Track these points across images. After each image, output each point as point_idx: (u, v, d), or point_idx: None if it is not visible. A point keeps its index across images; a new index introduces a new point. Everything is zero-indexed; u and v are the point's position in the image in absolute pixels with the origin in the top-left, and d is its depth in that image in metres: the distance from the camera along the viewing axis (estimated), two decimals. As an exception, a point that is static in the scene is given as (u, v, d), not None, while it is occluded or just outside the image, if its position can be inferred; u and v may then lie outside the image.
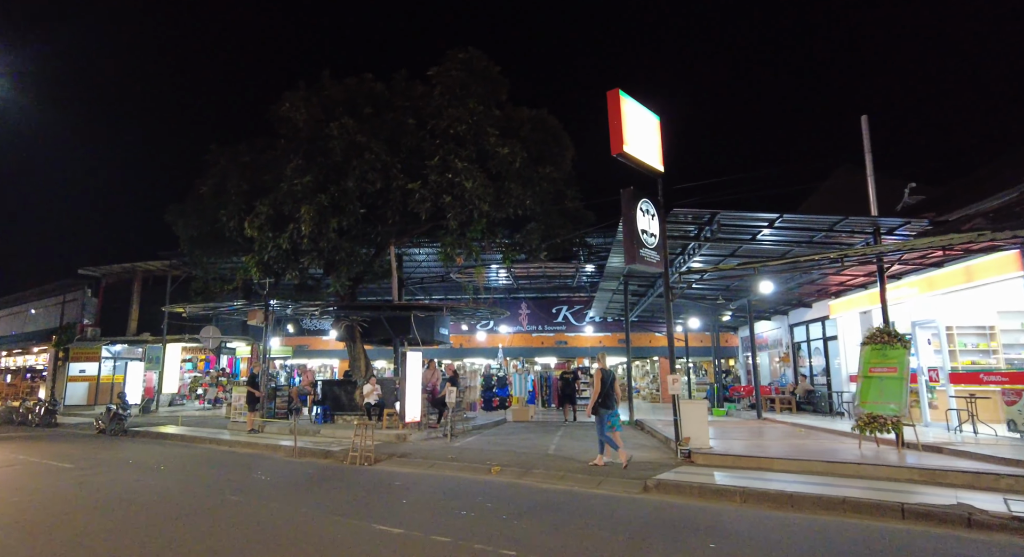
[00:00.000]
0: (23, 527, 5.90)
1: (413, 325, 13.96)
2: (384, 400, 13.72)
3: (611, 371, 9.11)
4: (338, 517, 6.17)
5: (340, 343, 30.82)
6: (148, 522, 6.07)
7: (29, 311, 31.25)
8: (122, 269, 26.49)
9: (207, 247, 18.56)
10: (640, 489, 7.52)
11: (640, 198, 9.21)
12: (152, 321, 26.00)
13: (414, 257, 22.16)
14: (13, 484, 8.55)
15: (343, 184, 14.35)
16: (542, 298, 28.03)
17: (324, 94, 15.72)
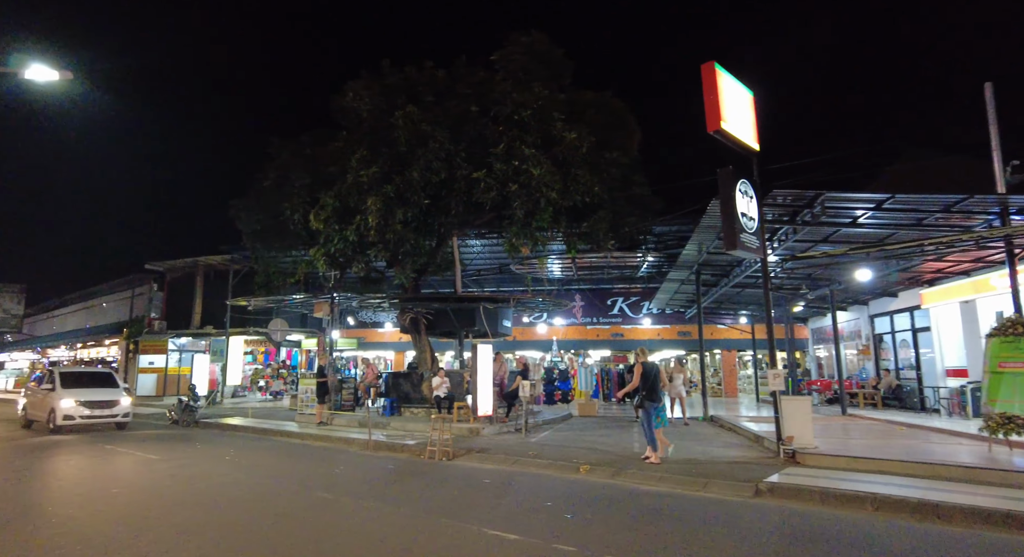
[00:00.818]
0: (132, 523, 5.79)
1: (482, 317, 13.64)
2: (453, 393, 13.46)
3: (654, 364, 8.96)
4: (442, 518, 5.84)
5: (395, 335, 31.03)
6: (250, 521, 5.88)
7: (101, 305, 32.54)
8: (185, 264, 27.14)
9: (268, 241, 18.67)
10: (751, 493, 6.95)
11: (739, 178, 8.56)
12: (214, 314, 26.58)
13: (470, 249, 21.87)
14: (110, 474, 8.61)
15: (408, 174, 14.08)
16: (597, 290, 27.40)
17: (385, 83, 15.48)
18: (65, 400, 13.93)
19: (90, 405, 14.14)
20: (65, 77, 11.09)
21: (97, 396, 14.48)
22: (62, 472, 8.95)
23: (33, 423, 15.35)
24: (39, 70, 10.47)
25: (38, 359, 40.55)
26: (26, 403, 15.95)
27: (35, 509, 6.43)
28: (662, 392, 8.78)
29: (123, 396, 15.03)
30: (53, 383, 14.69)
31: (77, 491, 7.42)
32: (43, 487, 7.85)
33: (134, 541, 5.12)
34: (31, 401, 15.53)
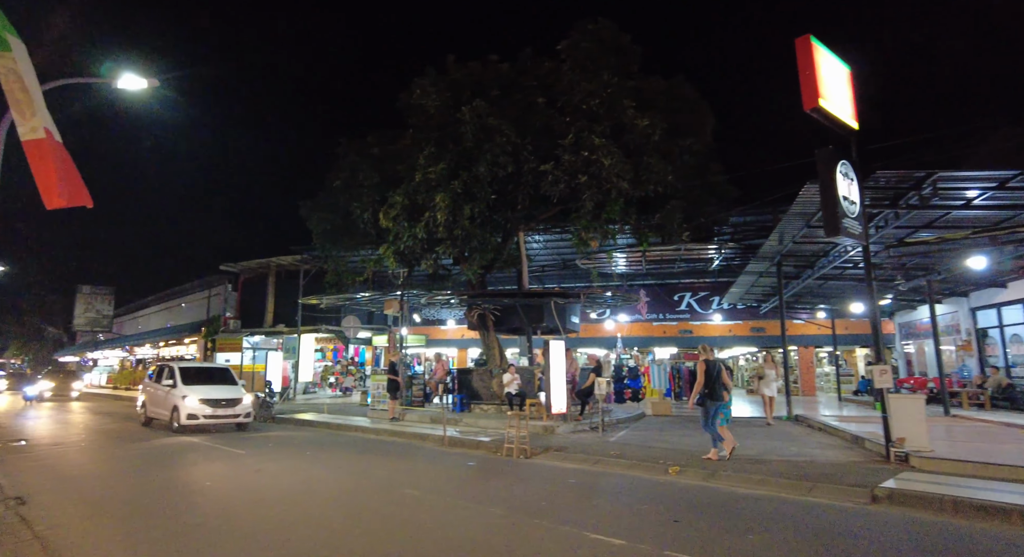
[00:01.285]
0: (227, 515, 5.85)
1: (554, 313, 13.37)
2: (524, 390, 13.25)
3: (716, 362, 8.78)
4: (537, 519, 5.60)
5: (458, 332, 31.20)
6: (344, 518, 5.83)
7: (180, 305, 34.28)
8: (258, 264, 28.17)
9: (337, 240, 19.02)
10: (866, 499, 6.36)
11: (839, 159, 7.91)
12: (286, 313, 27.47)
13: (531, 245, 21.63)
14: (201, 468, 8.86)
15: (475, 170, 13.96)
16: (664, 285, 26.58)
17: (450, 79, 15.42)
18: (189, 398, 13.04)
19: (213, 404, 13.22)
20: (152, 85, 11.59)
21: (219, 394, 13.54)
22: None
23: (152, 421, 14.78)
24: (130, 79, 10.90)
25: (126, 356, 43.24)
26: (145, 400, 15.19)
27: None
28: (721, 389, 8.65)
29: (244, 394, 14.15)
30: (174, 379, 13.82)
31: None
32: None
33: (230, 536, 5.13)
34: (151, 398, 14.75)
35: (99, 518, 6.04)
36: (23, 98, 3.44)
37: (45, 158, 3.60)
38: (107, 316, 40.88)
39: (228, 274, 29.03)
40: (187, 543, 4.98)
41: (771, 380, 13.00)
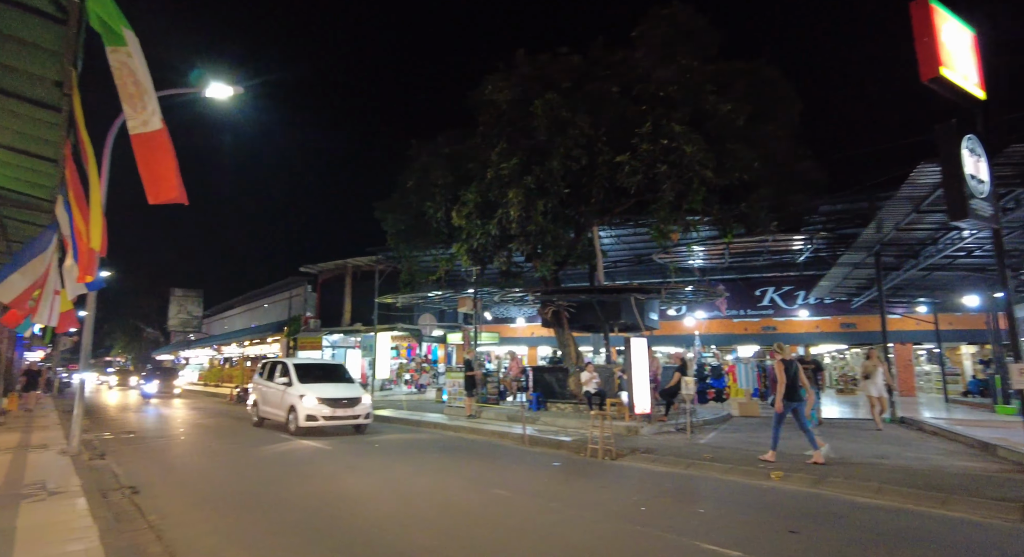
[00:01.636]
0: (325, 510, 5.88)
1: (634, 308, 12.91)
2: (603, 389, 12.87)
3: (792, 362, 8.56)
4: (640, 527, 5.29)
5: (527, 330, 31.09)
6: (437, 517, 5.72)
7: (263, 306, 35.98)
8: (335, 265, 29.12)
9: (411, 240, 19.28)
10: (1018, 515, 5.63)
11: (964, 134, 7.10)
12: (362, 312, 28.25)
13: (604, 239, 21.10)
14: (292, 463, 9.09)
15: (547, 164, 13.70)
16: (745, 279, 25.35)
17: (520, 74, 15.23)
18: (307, 398, 11.96)
19: (333, 403, 12.04)
20: (236, 93, 12.05)
21: (338, 393, 12.36)
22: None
23: (265, 421, 14.07)
24: (218, 88, 11.36)
25: (215, 355, 45.90)
26: (257, 399, 14.46)
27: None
28: (803, 390, 8.45)
29: (364, 393, 12.93)
30: (289, 377, 12.89)
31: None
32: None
33: (333, 531, 5.11)
34: (263, 396, 13.98)
35: (206, 509, 6.23)
36: (135, 92, 3.50)
37: (157, 151, 3.65)
38: (197, 317, 43.57)
39: (307, 275, 30.18)
40: (287, 540, 5.01)
41: (879, 380, 11.99)
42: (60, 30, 3.51)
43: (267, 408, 13.70)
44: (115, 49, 3.38)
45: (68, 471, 7.81)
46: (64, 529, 5.02)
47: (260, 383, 14.40)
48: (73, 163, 4.76)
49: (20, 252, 7.28)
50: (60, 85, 4.06)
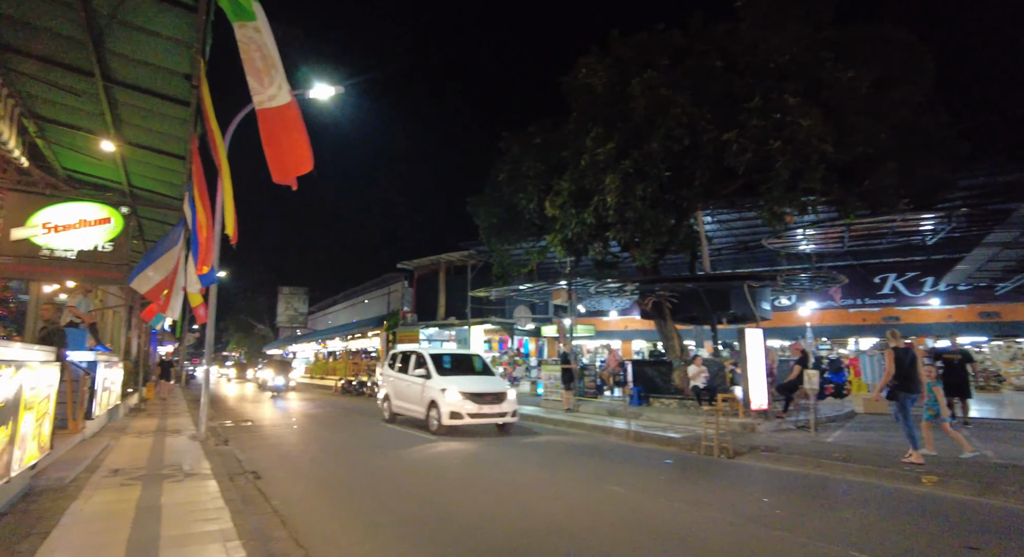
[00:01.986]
0: (443, 501, 5.81)
1: (748, 297, 12.06)
2: (713, 383, 12.13)
3: (908, 350, 8.04)
4: (779, 532, 4.75)
5: (620, 324, 30.32)
6: (550, 512, 5.47)
7: (363, 301, 37.57)
8: (429, 261, 29.82)
9: (502, 234, 19.23)
10: None
11: None
12: (455, 306, 28.74)
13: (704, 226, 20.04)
14: (408, 451, 9.20)
15: (646, 147, 13.08)
16: (862, 265, 23.22)
17: (615, 55, 14.67)
18: (450, 393, 10.71)
19: (477, 398, 10.72)
20: (338, 93, 12.42)
21: (482, 386, 11.06)
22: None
23: (398, 417, 13.13)
24: (321, 89, 11.74)
25: (319, 349, 48.62)
26: (388, 393, 13.32)
27: None
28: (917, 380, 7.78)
29: (509, 387, 11.56)
30: (426, 368, 11.77)
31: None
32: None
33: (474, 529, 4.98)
34: (397, 390, 12.90)
35: (324, 497, 6.35)
36: (262, 66, 3.49)
37: (286, 125, 3.61)
38: (303, 313, 46.32)
39: (404, 271, 31.14)
40: (401, 530, 4.94)
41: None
42: (191, 18, 3.57)
43: (401, 403, 12.59)
44: (243, 24, 3.37)
45: (199, 455, 8.32)
46: (200, 509, 5.25)
47: (391, 375, 13.27)
48: (198, 157, 4.95)
49: (152, 248, 7.85)
50: (188, 78, 4.19)
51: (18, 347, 5.14)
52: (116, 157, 6.41)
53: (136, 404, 16.55)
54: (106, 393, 10.50)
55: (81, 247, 7.14)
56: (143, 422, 12.33)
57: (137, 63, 4.26)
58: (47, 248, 6.97)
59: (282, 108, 3.60)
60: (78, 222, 7.08)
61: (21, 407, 4.79)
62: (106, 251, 7.30)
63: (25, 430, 5.02)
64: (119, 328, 16.17)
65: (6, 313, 8.56)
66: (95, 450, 8.16)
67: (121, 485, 6.17)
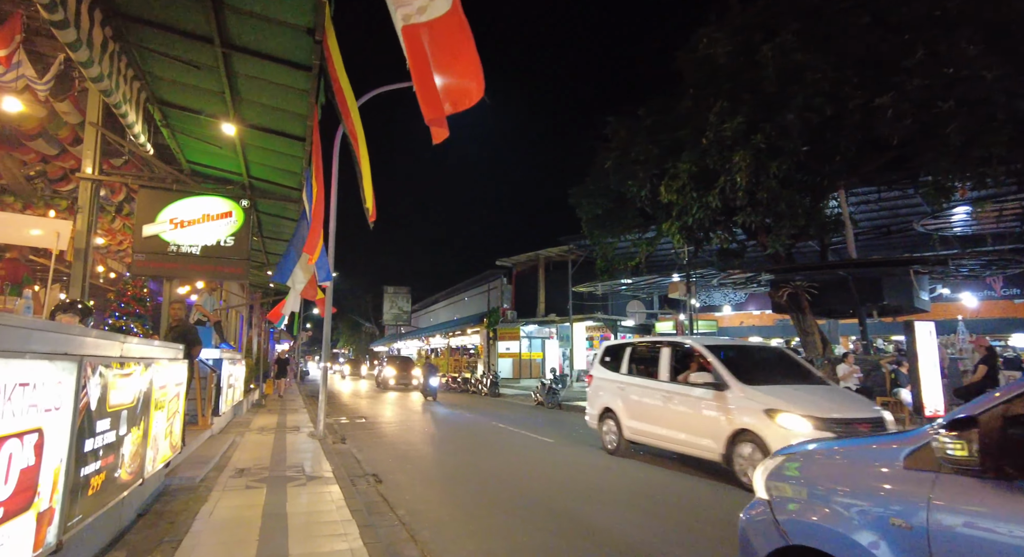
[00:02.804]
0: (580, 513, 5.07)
1: (914, 284, 10.36)
2: (869, 385, 10.52)
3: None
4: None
5: (735, 319, 28.26)
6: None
7: (463, 299, 37.85)
8: (527, 258, 29.34)
9: (606, 226, 18.31)
10: None
11: None
12: (555, 302, 28.04)
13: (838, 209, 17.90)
14: (528, 461, 8.60)
15: (780, 119, 11.65)
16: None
17: (738, 23, 13.27)
18: (787, 417, 6.23)
19: (838, 428, 6.11)
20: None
21: (837, 406, 6.57)
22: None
23: (639, 445, 8.49)
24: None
25: (422, 346, 49.81)
26: (613, 406, 8.71)
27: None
28: None
29: (880, 410, 6.86)
30: (712, 373, 7.23)
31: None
32: None
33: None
34: (631, 404, 8.40)
35: (452, 508, 5.81)
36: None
37: (447, 41, 2.88)
38: (406, 311, 47.60)
39: (503, 268, 30.89)
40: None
41: None
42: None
43: (649, 427, 7.96)
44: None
45: (319, 454, 8.15)
46: (326, 521, 4.87)
47: (617, 380, 8.94)
48: (318, 133, 4.55)
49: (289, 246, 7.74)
50: (312, 32, 3.73)
51: (156, 344, 5.03)
52: (236, 143, 6.26)
53: (257, 400, 17.28)
54: (231, 390, 10.75)
55: (205, 242, 7.14)
56: (264, 418, 12.64)
57: (256, 19, 3.90)
58: (174, 244, 7.03)
59: (438, 22, 2.94)
60: (202, 216, 7.11)
61: (152, 406, 4.59)
62: (228, 246, 7.27)
63: (157, 430, 4.84)
64: (240, 326, 16.95)
65: (144, 312, 8.87)
66: (222, 446, 8.21)
67: (247, 487, 5.98)
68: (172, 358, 5.37)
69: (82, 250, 5.63)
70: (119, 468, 3.86)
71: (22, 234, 5.25)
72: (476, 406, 17.68)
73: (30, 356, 2.52)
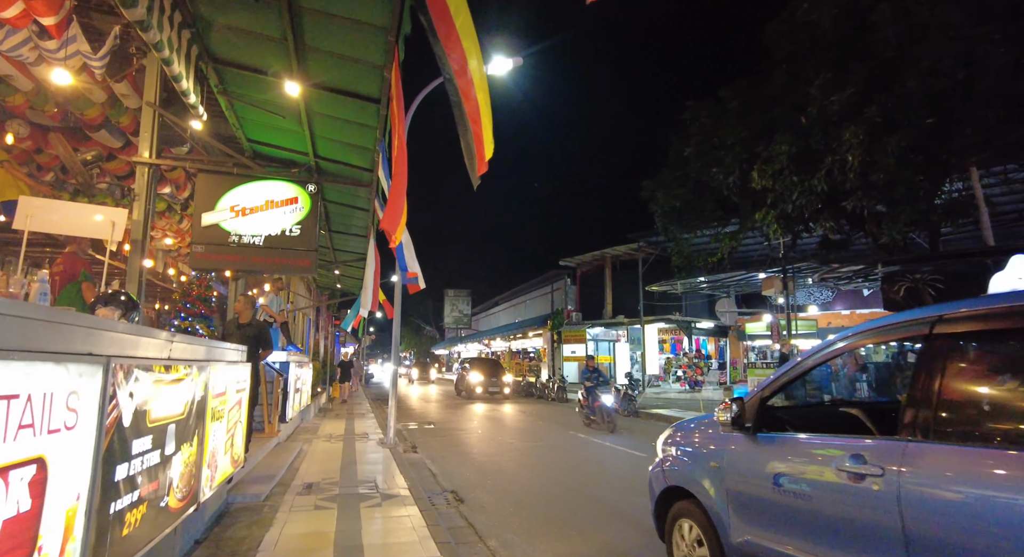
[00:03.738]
0: None
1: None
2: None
3: None
4: None
5: (823, 319, 26.10)
6: None
7: (525, 301, 37.03)
8: (592, 257, 28.18)
9: (683, 219, 17.04)
10: None
11: None
12: (623, 303, 26.75)
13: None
14: (624, 478, 7.61)
15: (898, 88, 10.17)
16: None
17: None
18: None
19: None
20: (516, 64, 11.19)
21: None
22: None
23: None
24: (499, 63, 10.59)
25: (483, 349, 49.32)
26: None
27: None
28: None
29: None
30: None
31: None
32: None
33: None
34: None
35: (556, 541, 4.88)
36: None
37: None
38: (467, 315, 47.26)
39: (566, 269, 29.84)
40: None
41: None
42: None
43: None
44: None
45: (391, 466, 7.44)
46: (409, 554, 4.06)
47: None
48: (398, 80, 3.73)
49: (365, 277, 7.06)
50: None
51: (215, 343, 4.38)
52: (300, 111, 5.57)
53: (324, 404, 16.96)
54: (298, 394, 10.25)
55: (268, 232, 6.52)
56: (332, 424, 12.14)
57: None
58: (235, 234, 6.45)
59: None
60: (265, 203, 6.50)
61: (208, 416, 3.91)
62: (294, 235, 6.62)
63: (215, 443, 4.16)
64: (307, 329, 16.65)
65: (209, 313, 8.44)
66: (289, 456, 7.62)
67: (316, 507, 5.26)
68: (233, 360, 4.71)
69: (139, 241, 5.09)
70: (166, 495, 3.14)
71: (80, 224, 4.75)
72: (545, 412, 16.74)
73: (20, 357, 1.77)
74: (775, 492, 2.70)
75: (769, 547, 2.68)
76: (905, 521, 2.08)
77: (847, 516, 2.34)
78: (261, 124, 6.01)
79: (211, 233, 6.50)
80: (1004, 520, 1.81)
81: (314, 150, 6.25)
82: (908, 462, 2.13)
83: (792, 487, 2.63)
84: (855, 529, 2.29)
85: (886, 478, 2.17)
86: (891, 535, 2.12)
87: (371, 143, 5.73)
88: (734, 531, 2.90)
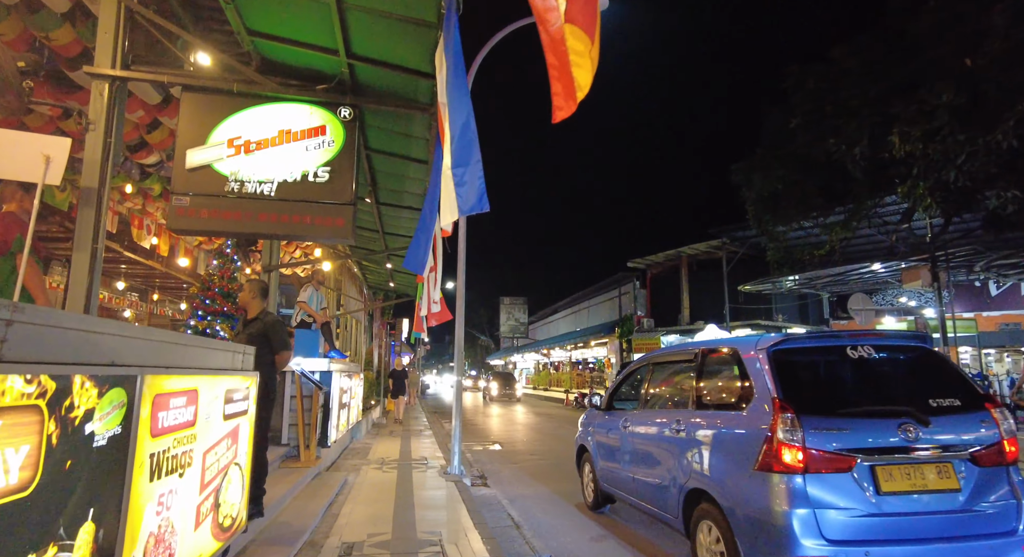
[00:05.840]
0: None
1: None
2: None
3: None
4: None
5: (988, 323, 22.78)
6: None
7: (587, 308, 34.78)
8: (665, 257, 25.77)
9: (779, 208, 14.64)
10: None
11: None
12: (701, 307, 24.20)
13: None
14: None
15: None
16: None
17: None
18: None
19: None
20: (602, 7, 9.37)
21: None
22: None
23: None
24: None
25: (540, 359, 47.23)
26: None
27: None
28: None
29: None
30: None
31: None
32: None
33: None
34: None
35: None
36: None
37: None
38: (523, 323, 45.33)
39: (635, 271, 27.51)
40: None
41: None
42: None
43: None
44: None
45: (459, 512, 5.56)
46: None
47: None
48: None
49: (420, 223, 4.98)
50: None
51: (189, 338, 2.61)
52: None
53: (377, 418, 15.36)
54: (344, 410, 8.54)
55: (283, 176, 4.38)
56: (385, 445, 10.40)
57: None
58: (234, 179, 4.40)
59: None
60: (278, 134, 4.46)
61: (141, 474, 2.11)
62: (320, 182, 4.48)
63: (174, 513, 2.37)
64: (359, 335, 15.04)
65: (232, 311, 6.83)
66: (328, 493, 5.84)
67: (355, 599, 3.38)
68: (220, 367, 2.91)
69: (93, 190, 3.39)
70: None
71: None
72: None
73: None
74: (607, 438, 5.65)
75: (606, 466, 5.61)
76: (633, 444, 4.99)
77: (621, 446, 5.22)
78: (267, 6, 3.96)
79: (200, 178, 4.46)
80: (656, 437, 4.67)
81: (347, 44, 4.08)
82: (631, 418, 5.18)
83: (612, 435, 5.51)
84: (624, 451, 5.15)
85: (629, 424, 5.17)
86: (630, 450, 5.03)
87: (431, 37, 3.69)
88: (599, 462, 5.84)
